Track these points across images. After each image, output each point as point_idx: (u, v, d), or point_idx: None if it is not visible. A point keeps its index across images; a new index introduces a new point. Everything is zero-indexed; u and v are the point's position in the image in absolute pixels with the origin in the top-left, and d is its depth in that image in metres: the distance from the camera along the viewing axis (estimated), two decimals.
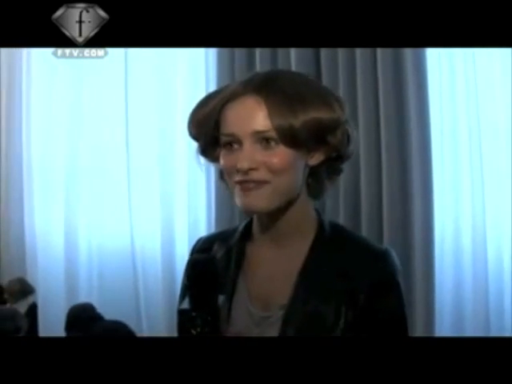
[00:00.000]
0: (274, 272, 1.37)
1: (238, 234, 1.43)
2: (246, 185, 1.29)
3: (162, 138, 5.08)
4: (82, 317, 4.19)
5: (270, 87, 1.28)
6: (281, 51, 4.49)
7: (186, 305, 1.26)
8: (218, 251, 1.42)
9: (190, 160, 4.87)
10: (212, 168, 1.40)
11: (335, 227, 1.41)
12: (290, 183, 1.31)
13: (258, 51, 4.53)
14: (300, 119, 1.26)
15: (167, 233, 5.00)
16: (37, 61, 5.27)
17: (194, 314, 1.25)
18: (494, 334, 4.03)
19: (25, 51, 5.31)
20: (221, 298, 1.30)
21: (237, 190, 1.30)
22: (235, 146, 1.30)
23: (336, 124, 1.29)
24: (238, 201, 1.31)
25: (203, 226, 4.84)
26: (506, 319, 4.18)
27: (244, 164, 1.27)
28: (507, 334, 4.01)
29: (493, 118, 4.24)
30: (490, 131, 4.23)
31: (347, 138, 1.33)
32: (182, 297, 1.36)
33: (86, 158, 5.23)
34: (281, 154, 1.27)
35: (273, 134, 1.27)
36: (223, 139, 1.31)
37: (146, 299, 5.05)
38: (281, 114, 1.26)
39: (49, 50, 4.16)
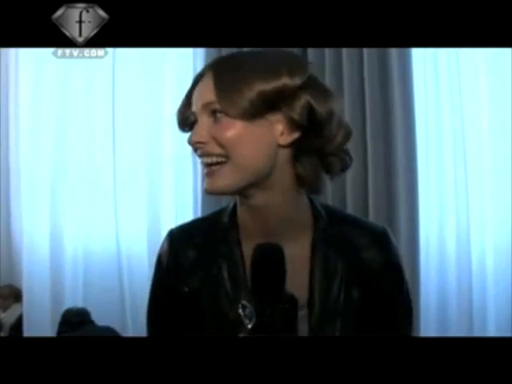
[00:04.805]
0: None
1: (226, 228, 1.37)
2: (207, 161, 1.25)
3: (149, 140, 5.07)
4: (72, 321, 4.17)
5: (221, 64, 1.28)
6: None
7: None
8: (207, 247, 1.37)
9: (177, 161, 4.87)
10: (199, 170, 1.37)
11: (330, 212, 1.37)
12: (252, 159, 1.24)
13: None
14: (243, 90, 1.22)
15: (153, 235, 4.96)
16: (25, 61, 5.24)
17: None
18: (477, 335, 4.07)
19: (13, 51, 5.29)
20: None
21: (204, 173, 1.28)
22: (195, 123, 1.28)
23: (283, 91, 1.22)
24: (204, 185, 1.28)
25: None
26: (489, 321, 4.23)
27: (194, 137, 1.25)
28: (490, 335, 4.07)
29: (477, 119, 4.29)
30: (474, 134, 4.29)
31: (309, 108, 1.24)
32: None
33: (71, 160, 5.20)
34: (228, 126, 1.23)
35: (217, 105, 1.24)
36: (190, 119, 1.31)
37: (131, 302, 5.01)
38: (224, 86, 1.23)
39: (48, 50, 4.14)
